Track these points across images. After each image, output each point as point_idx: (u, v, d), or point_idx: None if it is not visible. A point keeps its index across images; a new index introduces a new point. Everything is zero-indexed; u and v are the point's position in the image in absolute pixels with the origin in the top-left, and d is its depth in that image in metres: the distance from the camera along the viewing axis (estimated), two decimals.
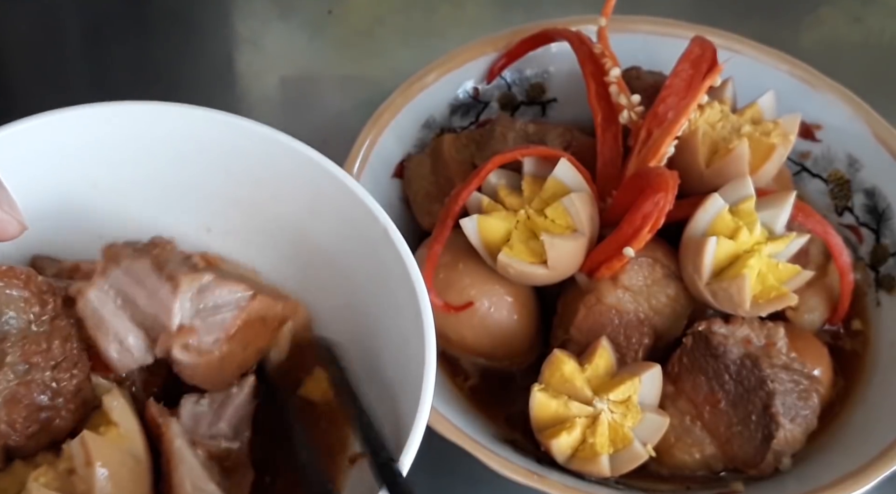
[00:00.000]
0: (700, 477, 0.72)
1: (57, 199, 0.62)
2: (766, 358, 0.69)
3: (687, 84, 0.75)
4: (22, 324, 0.56)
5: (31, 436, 0.56)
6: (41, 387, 0.56)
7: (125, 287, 0.56)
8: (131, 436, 0.56)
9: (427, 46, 1.04)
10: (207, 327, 0.56)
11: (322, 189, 0.61)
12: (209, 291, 0.57)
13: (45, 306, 0.57)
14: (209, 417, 0.58)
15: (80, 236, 0.64)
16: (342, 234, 0.62)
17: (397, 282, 0.58)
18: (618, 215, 0.72)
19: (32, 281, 0.57)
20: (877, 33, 1.08)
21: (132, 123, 0.61)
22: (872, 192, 0.82)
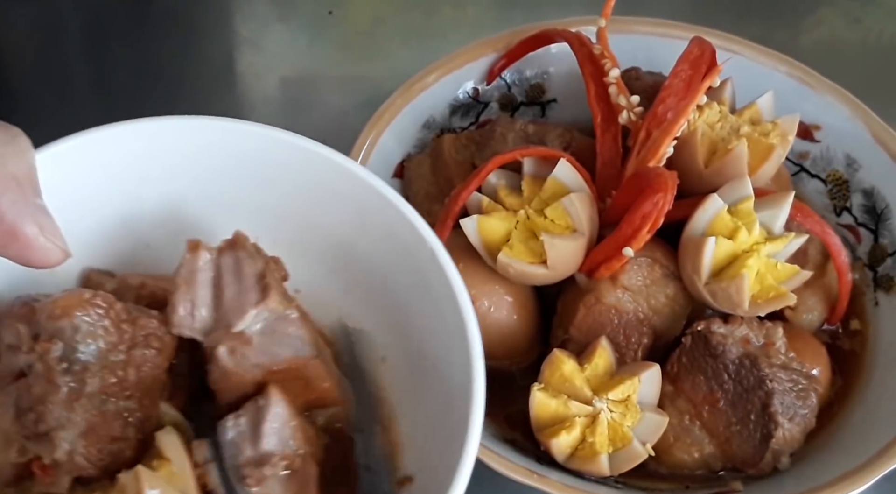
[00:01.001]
0: (699, 476, 0.72)
1: (103, 214, 0.62)
2: (765, 358, 0.70)
3: (686, 85, 0.75)
4: (101, 353, 0.56)
5: (103, 468, 0.56)
6: (115, 417, 0.56)
7: (225, 273, 0.57)
8: (183, 474, 0.55)
9: (427, 47, 1.04)
10: (260, 349, 0.56)
11: (367, 206, 0.60)
12: (284, 323, 0.57)
13: (122, 335, 0.56)
14: (248, 436, 0.57)
15: (128, 246, 0.64)
16: (388, 252, 0.61)
17: (445, 306, 0.57)
18: (617, 216, 0.72)
19: (113, 309, 0.56)
20: (876, 34, 1.09)
21: (175, 138, 0.61)
22: (871, 192, 0.83)
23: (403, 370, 0.62)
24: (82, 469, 0.55)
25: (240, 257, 0.58)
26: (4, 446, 0.55)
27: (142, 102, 0.96)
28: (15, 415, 0.55)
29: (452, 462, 0.53)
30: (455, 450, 0.53)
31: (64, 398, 0.54)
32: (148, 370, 0.57)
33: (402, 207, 0.59)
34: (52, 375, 0.54)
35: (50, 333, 0.55)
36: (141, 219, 0.64)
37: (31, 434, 0.55)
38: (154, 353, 0.57)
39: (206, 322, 0.57)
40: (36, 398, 0.54)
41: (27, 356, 0.55)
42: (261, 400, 0.57)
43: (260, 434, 0.56)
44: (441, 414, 0.58)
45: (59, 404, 0.54)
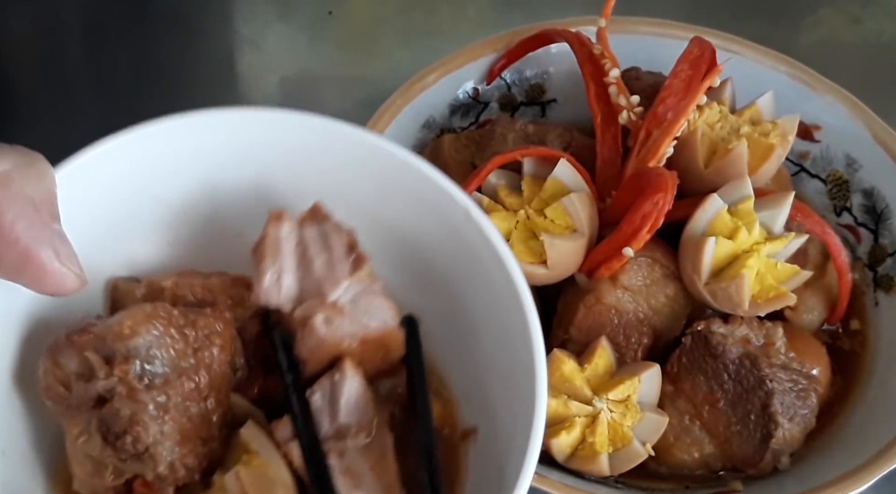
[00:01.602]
0: (699, 476, 0.72)
1: (118, 219, 0.61)
2: (765, 358, 0.70)
3: (686, 85, 0.75)
4: (174, 363, 0.56)
5: (203, 471, 0.57)
6: (201, 420, 0.56)
7: (311, 242, 0.57)
8: (275, 464, 0.56)
9: (427, 47, 1.04)
10: (352, 319, 0.57)
11: (393, 175, 0.61)
12: (371, 295, 0.57)
13: (187, 340, 0.57)
14: (326, 411, 0.58)
15: (149, 248, 0.64)
16: (421, 217, 0.61)
17: (485, 257, 0.58)
18: (617, 216, 0.72)
19: (173, 318, 0.57)
20: (876, 34, 1.09)
21: (186, 135, 0.60)
22: (871, 192, 0.83)
23: (448, 330, 0.62)
24: (184, 477, 0.56)
25: (324, 228, 0.58)
26: (96, 472, 0.56)
27: (142, 102, 0.96)
28: (104, 440, 0.55)
29: (523, 407, 0.54)
30: (523, 395, 0.54)
31: (154, 413, 0.55)
32: (216, 367, 0.57)
33: (429, 172, 0.59)
34: (137, 394, 0.54)
35: (124, 354, 0.55)
36: (160, 219, 0.63)
37: (128, 455, 0.55)
38: (218, 350, 0.58)
39: (291, 292, 0.57)
40: (127, 421, 0.54)
41: (105, 382, 0.55)
42: (336, 374, 0.58)
43: (338, 407, 0.57)
44: (497, 365, 0.59)
45: (151, 420, 0.54)
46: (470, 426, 0.61)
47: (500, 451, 0.57)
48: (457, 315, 0.62)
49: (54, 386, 0.55)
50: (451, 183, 0.60)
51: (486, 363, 0.61)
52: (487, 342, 0.60)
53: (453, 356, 0.63)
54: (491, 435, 0.59)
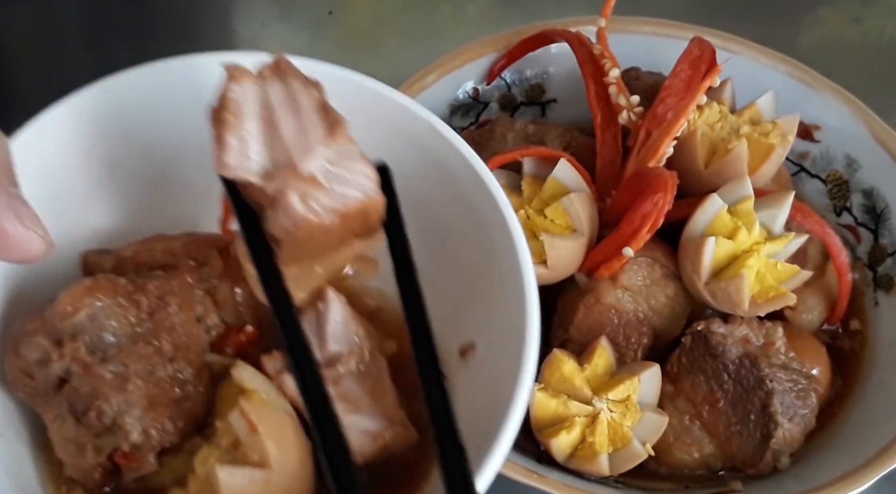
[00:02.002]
0: (699, 476, 0.72)
1: (82, 190, 0.61)
2: (765, 358, 0.70)
3: (686, 85, 0.75)
4: (127, 331, 0.56)
5: (182, 431, 0.56)
6: (170, 383, 0.56)
7: (277, 104, 0.50)
8: (273, 396, 0.56)
9: (427, 47, 1.04)
10: (331, 192, 0.49)
11: (400, 126, 0.60)
12: (348, 160, 0.50)
13: (139, 306, 0.57)
14: (314, 342, 0.56)
15: (118, 217, 0.63)
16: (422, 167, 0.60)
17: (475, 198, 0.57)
18: (617, 216, 0.72)
19: (119, 287, 0.56)
20: (876, 34, 1.09)
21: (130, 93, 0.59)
22: (871, 192, 0.83)
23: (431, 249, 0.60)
24: (161, 441, 0.56)
25: (292, 86, 0.50)
26: (78, 453, 0.55)
27: None
28: (74, 421, 0.55)
29: (516, 323, 0.53)
30: (515, 311, 0.54)
31: (114, 384, 0.54)
32: (180, 328, 0.57)
33: (389, 93, 0.58)
34: (92, 369, 0.54)
35: (70, 332, 0.55)
36: (122, 186, 0.62)
37: (99, 430, 0.55)
38: (175, 309, 0.57)
39: (260, 164, 0.49)
40: (88, 397, 0.54)
41: (60, 363, 0.55)
42: (319, 303, 0.57)
43: (325, 336, 0.56)
44: (483, 279, 0.58)
45: (111, 392, 0.54)
46: (467, 342, 0.61)
47: (499, 364, 0.56)
48: (440, 235, 0.61)
49: (20, 378, 0.55)
50: (411, 100, 0.58)
51: (473, 278, 0.60)
52: (472, 255, 0.59)
53: (439, 273, 0.61)
54: (488, 352, 0.59)
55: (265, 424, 0.53)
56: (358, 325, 0.58)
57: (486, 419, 0.54)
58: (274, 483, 0.53)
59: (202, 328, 0.59)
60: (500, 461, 0.50)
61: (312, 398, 0.46)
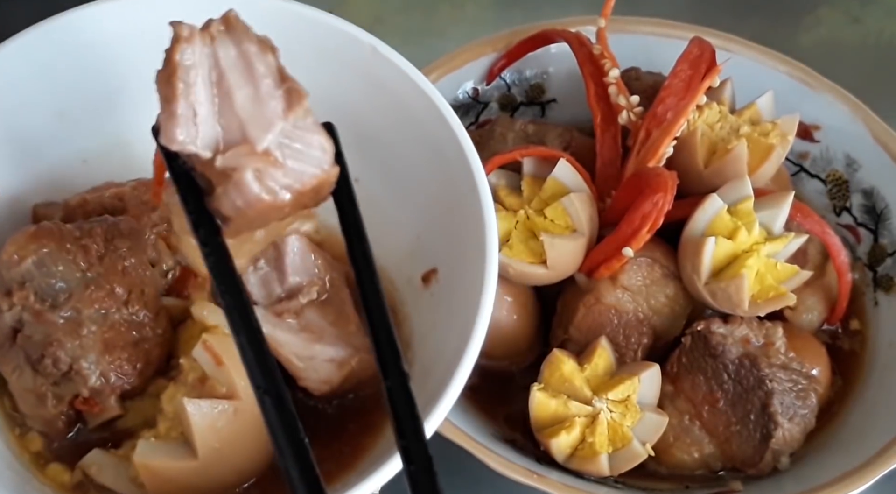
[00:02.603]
0: (699, 476, 0.72)
1: (34, 139, 0.60)
2: (765, 358, 0.70)
3: (686, 85, 0.75)
4: (76, 276, 0.55)
5: (141, 373, 0.56)
6: (125, 325, 0.56)
7: (229, 68, 0.45)
8: None
9: (427, 46, 1.03)
10: (287, 169, 0.45)
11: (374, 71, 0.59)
12: (305, 132, 0.45)
13: (87, 252, 0.56)
14: (274, 275, 0.57)
15: (66, 169, 0.62)
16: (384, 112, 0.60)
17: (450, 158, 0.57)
18: (617, 216, 0.72)
19: (65, 233, 0.56)
20: (875, 34, 1.08)
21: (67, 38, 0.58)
22: (870, 192, 0.83)
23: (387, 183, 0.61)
24: (121, 384, 0.55)
25: (246, 49, 0.45)
26: (39, 403, 0.55)
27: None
28: (32, 370, 0.55)
29: (476, 244, 0.54)
30: (475, 233, 0.54)
31: (66, 329, 0.54)
32: (131, 270, 0.56)
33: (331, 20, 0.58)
34: (43, 316, 0.54)
35: (18, 281, 0.54)
36: (68, 135, 0.61)
37: (57, 377, 0.55)
38: (125, 252, 0.57)
39: (210, 135, 0.45)
40: (41, 344, 0.54)
41: (10, 314, 0.55)
42: (277, 240, 0.57)
43: (284, 268, 0.56)
44: (449, 218, 0.58)
45: (65, 337, 0.54)
46: (430, 268, 0.61)
47: (462, 286, 0.56)
48: (397, 167, 0.61)
49: None
50: (352, 25, 0.57)
51: (432, 205, 0.60)
52: (431, 183, 0.59)
53: (398, 204, 0.61)
54: (451, 277, 0.59)
55: (230, 356, 0.53)
56: (317, 256, 0.58)
57: (452, 340, 0.55)
58: (243, 411, 0.53)
59: (157, 272, 0.59)
60: (462, 382, 0.51)
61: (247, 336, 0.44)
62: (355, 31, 0.58)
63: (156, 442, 0.55)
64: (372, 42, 0.58)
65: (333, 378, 0.56)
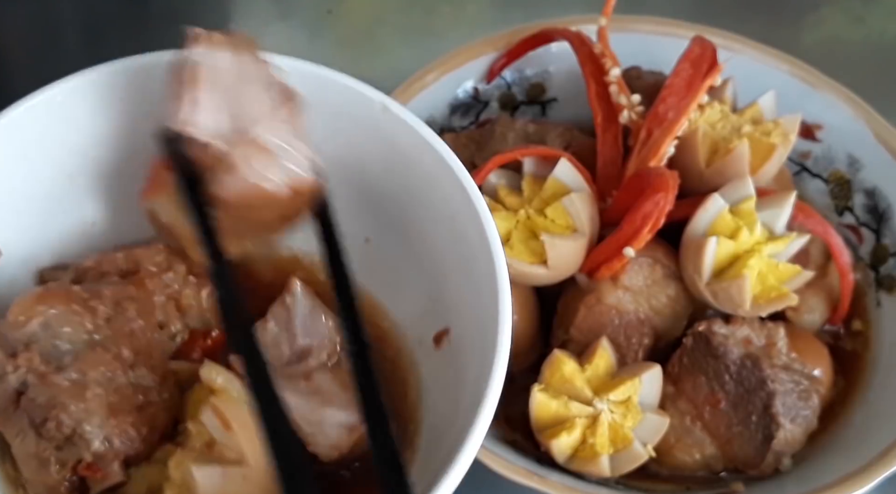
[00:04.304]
0: (700, 478, 0.72)
1: (43, 203, 0.60)
2: (767, 358, 0.69)
3: (687, 84, 0.75)
4: (83, 338, 0.55)
5: (146, 438, 0.55)
6: (131, 389, 0.55)
7: (234, 72, 0.52)
8: (245, 393, 0.54)
9: (427, 46, 1.03)
10: (280, 164, 0.51)
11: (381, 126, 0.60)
12: (294, 138, 0.52)
13: (94, 313, 0.55)
14: (284, 336, 0.56)
15: (75, 232, 0.62)
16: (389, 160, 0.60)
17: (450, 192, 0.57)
18: (618, 215, 0.72)
19: (72, 294, 0.55)
20: (878, 33, 1.08)
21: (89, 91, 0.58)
22: (873, 192, 0.82)
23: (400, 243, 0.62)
24: (125, 449, 0.54)
25: (246, 58, 0.52)
26: (42, 468, 0.54)
27: None
28: (35, 434, 0.54)
29: (488, 306, 0.54)
30: (487, 294, 0.54)
31: (71, 392, 0.53)
32: (139, 332, 0.56)
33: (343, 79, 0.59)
34: (48, 378, 0.53)
35: (24, 342, 0.54)
36: (78, 197, 0.61)
37: (60, 442, 0.53)
38: (134, 315, 0.56)
39: (217, 126, 0.51)
40: (45, 407, 0.53)
41: (15, 376, 0.53)
42: (287, 297, 0.57)
43: (294, 330, 0.56)
44: (455, 263, 0.58)
45: (69, 400, 0.53)
46: (442, 328, 0.61)
47: (474, 348, 0.56)
48: (408, 225, 0.61)
49: None
50: (362, 83, 0.58)
51: (444, 264, 0.59)
52: (442, 242, 0.59)
53: (410, 263, 0.61)
54: (462, 337, 0.59)
55: (239, 421, 0.52)
56: (327, 316, 0.58)
57: (462, 403, 0.54)
58: (251, 479, 0.52)
59: (165, 335, 0.58)
60: (477, 444, 0.50)
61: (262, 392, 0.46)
62: (365, 90, 0.58)
63: None
64: (383, 100, 0.58)
65: (343, 444, 0.56)
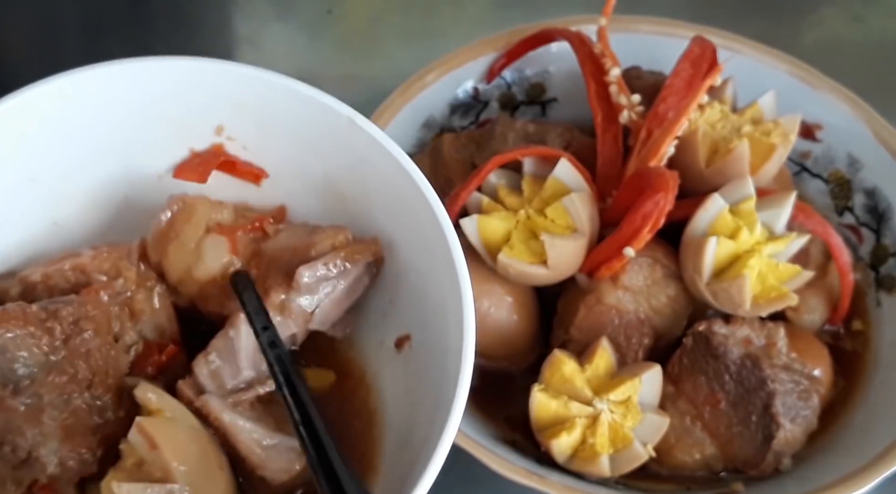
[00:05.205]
0: (700, 478, 0.72)
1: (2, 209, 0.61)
2: (767, 358, 0.69)
3: (687, 84, 0.75)
4: (40, 360, 0.55)
5: (102, 459, 0.55)
6: (87, 410, 0.55)
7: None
8: (180, 413, 0.55)
9: (427, 46, 1.03)
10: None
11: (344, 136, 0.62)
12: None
13: (52, 334, 0.55)
14: (227, 369, 0.58)
15: (35, 233, 0.63)
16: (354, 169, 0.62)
17: (417, 207, 0.59)
18: (618, 215, 0.72)
19: (29, 316, 0.55)
20: (877, 33, 1.08)
21: (44, 106, 0.60)
22: (873, 192, 0.82)
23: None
24: (80, 471, 0.55)
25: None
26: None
27: None
28: None
29: (452, 312, 0.55)
30: (451, 300, 0.56)
31: (27, 416, 0.53)
32: (96, 352, 0.56)
33: (309, 92, 0.61)
34: (4, 403, 0.53)
35: None
36: (41, 200, 0.62)
37: (16, 463, 0.54)
38: (91, 334, 0.56)
39: None
40: (1, 430, 0.53)
41: None
42: (231, 331, 0.58)
43: (238, 362, 0.58)
44: (423, 285, 0.60)
45: (25, 424, 0.53)
46: (403, 334, 0.63)
47: (436, 353, 0.58)
48: (368, 232, 0.63)
49: None
50: (328, 96, 0.60)
51: (406, 271, 0.62)
52: (405, 250, 0.61)
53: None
54: (424, 342, 0.61)
55: (167, 440, 0.53)
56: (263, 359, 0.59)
57: (426, 409, 0.56)
58: None
59: (121, 349, 0.58)
60: (443, 457, 0.52)
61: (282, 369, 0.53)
62: (331, 103, 0.60)
63: None
64: (349, 113, 0.60)
65: (293, 467, 0.57)
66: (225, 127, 0.64)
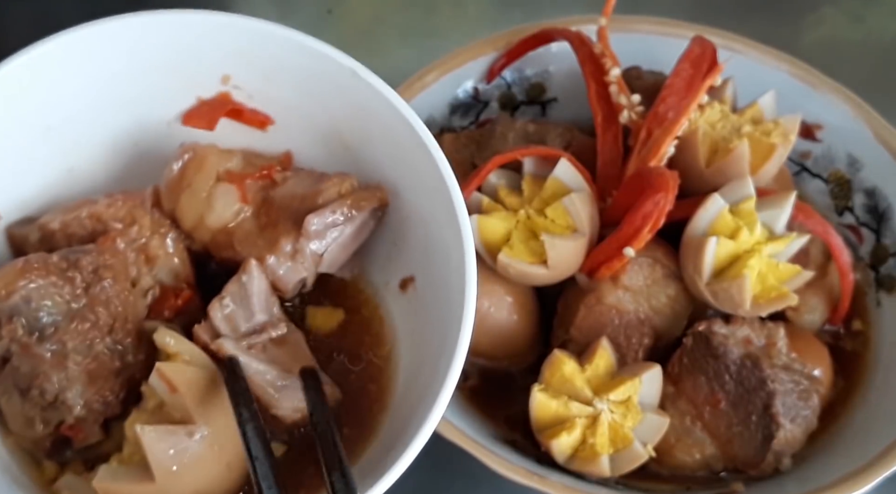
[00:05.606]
0: (700, 478, 0.72)
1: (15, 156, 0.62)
2: (767, 358, 0.69)
3: (687, 84, 0.75)
4: (63, 308, 0.57)
5: (125, 400, 0.58)
6: (109, 355, 0.58)
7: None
8: (196, 356, 0.58)
9: (427, 46, 1.03)
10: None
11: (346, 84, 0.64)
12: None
13: (73, 283, 0.58)
14: (241, 313, 0.60)
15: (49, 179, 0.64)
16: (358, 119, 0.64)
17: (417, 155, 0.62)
18: (618, 215, 0.72)
19: (51, 266, 0.57)
20: (878, 33, 1.08)
21: (62, 58, 0.61)
22: (873, 192, 0.82)
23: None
24: (104, 412, 0.58)
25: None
26: (28, 425, 0.57)
27: None
28: (20, 397, 0.57)
29: (453, 253, 0.58)
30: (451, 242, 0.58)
31: (53, 362, 0.56)
32: (116, 299, 0.58)
33: (315, 44, 0.63)
34: (30, 349, 0.56)
35: (7, 314, 0.57)
36: (55, 148, 0.64)
37: (44, 405, 0.57)
38: (110, 282, 0.59)
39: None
40: (29, 376, 0.56)
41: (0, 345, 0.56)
42: (244, 276, 0.60)
43: (251, 307, 0.60)
44: (424, 230, 0.63)
45: (51, 370, 0.56)
46: (407, 275, 0.66)
47: (440, 293, 0.60)
48: (371, 178, 0.66)
49: None
50: (333, 48, 0.62)
51: (408, 215, 0.64)
52: (406, 195, 0.64)
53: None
54: (428, 283, 0.64)
55: (186, 384, 0.55)
56: (275, 297, 0.62)
57: (433, 347, 0.58)
58: (202, 437, 0.55)
59: (139, 294, 0.61)
60: (448, 395, 0.54)
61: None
62: (335, 55, 0.63)
63: (117, 467, 0.57)
64: (352, 66, 0.62)
65: (304, 407, 0.59)
66: (231, 76, 0.66)
